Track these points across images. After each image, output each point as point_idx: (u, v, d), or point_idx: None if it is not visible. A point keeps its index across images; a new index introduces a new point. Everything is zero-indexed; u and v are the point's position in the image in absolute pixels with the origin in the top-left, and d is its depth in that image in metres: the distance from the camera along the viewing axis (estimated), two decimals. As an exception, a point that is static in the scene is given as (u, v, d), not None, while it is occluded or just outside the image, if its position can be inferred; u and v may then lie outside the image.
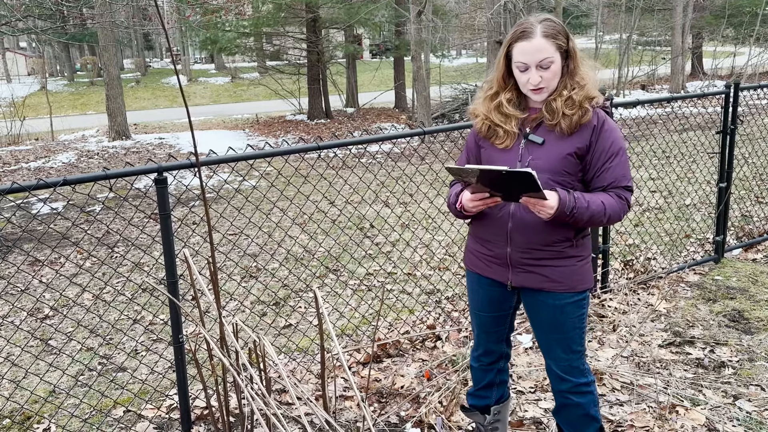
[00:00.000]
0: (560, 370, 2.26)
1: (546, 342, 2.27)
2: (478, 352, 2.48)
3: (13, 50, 40.81)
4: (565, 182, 2.09)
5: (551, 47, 2.05)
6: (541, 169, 2.07)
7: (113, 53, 14.94)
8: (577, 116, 2.07)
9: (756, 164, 7.56)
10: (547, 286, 2.16)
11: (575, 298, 2.18)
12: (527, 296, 2.25)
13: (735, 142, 4.67)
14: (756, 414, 2.87)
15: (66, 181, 2.51)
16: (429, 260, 5.36)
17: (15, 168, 11.90)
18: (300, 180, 4.30)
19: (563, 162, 2.09)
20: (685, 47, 22.08)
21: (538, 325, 2.27)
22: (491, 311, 2.36)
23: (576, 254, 2.16)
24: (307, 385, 3.34)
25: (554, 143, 2.10)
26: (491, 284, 2.30)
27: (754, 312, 3.90)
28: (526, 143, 2.13)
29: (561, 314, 2.19)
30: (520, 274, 2.19)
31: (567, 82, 2.10)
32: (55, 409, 3.26)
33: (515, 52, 2.10)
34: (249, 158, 2.95)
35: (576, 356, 2.25)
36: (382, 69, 24.35)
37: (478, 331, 2.45)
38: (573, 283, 2.17)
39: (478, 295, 2.36)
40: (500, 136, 2.17)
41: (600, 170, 2.10)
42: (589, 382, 2.28)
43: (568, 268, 2.15)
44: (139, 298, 4.85)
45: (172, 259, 2.78)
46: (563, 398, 2.30)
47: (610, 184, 2.11)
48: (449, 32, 22.59)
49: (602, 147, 2.09)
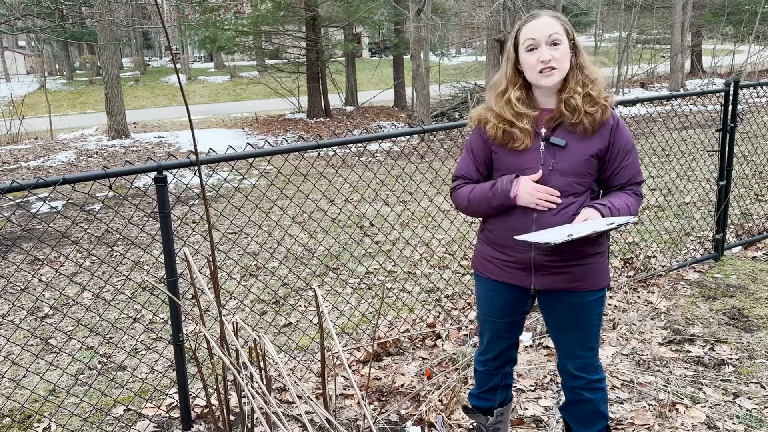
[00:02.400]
0: (575, 368, 2.25)
1: (564, 341, 2.25)
2: (487, 357, 2.43)
3: (12, 49, 40.80)
4: (585, 183, 2.09)
5: (559, 26, 2.04)
6: (564, 173, 2.05)
7: (112, 52, 14.92)
8: (599, 113, 2.05)
9: (756, 162, 7.56)
10: (572, 285, 2.14)
11: (598, 296, 2.18)
12: (549, 297, 2.21)
13: (735, 139, 4.67)
14: (756, 411, 2.87)
15: (66, 179, 2.51)
16: (429, 258, 5.36)
17: (14, 167, 11.89)
18: (300, 178, 4.30)
19: (586, 164, 2.07)
20: (684, 45, 22.07)
21: (557, 325, 2.24)
22: (505, 317, 2.31)
23: (597, 251, 2.15)
24: (308, 383, 3.34)
25: (577, 145, 2.07)
26: (508, 289, 2.24)
27: (753, 310, 3.90)
28: (546, 145, 2.08)
29: (583, 312, 2.17)
30: (544, 277, 2.15)
31: (578, 76, 2.07)
32: (55, 408, 3.26)
33: (523, 34, 2.07)
34: (248, 157, 2.95)
35: (592, 353, 2.24)
36: (381, 67, 24.34)
37: (489, 336, 2.38)
38: (596, 280, 2.16)
39: (493, 301, 2.30)
40: (517, 137, 2.10)
41: (618, 168, 2.10)
42: (601, 379, 2.27)
43: (591, 266, 2.14)
44: (139, 296, 4.85)
45: (172, 258, 2.77)
46: (575, 394, 2.28)
47: (628, 182, 2.12)
48: (449, 30, 22.57)
49: (619, 146, 2.09)
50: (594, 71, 2.10)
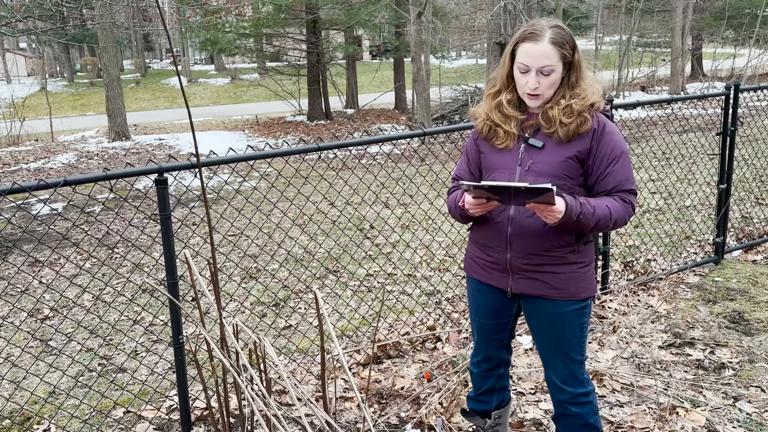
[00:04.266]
0: (558, 379, 2.23)
1: (545, 350, 2.24)
2: (478, 358, 2.46)
3: (13, 51, 40.84)
4: (566, 186, 2.06)
5: (556, 56, 2.03)
6: (541, 173, 2.06)
7: (113, 54, 14.94)
8: (575, 125, 2.04)
9: (756, 166, 7.56)
10: (547, 293, 2.13)
11: (576, 306, 2.15)
12: (527, 303, 2.22)
13: (735, 143, 4.67)
14: (756, 415, 2.86)
15: (66, 181, 2.51)
16: (429, 261, 5.36)
17: (15, 169, 11.90)
18: (300, 181, 4.30)
19: (563, 166, 2.06)
20: (684, 49, 22.09)
21: (537, 333, 2.24)
22: (491, 318, 2.33)
23: (577, 260, 2.13)
24: (308, 386, 3.34)
25: (554, 147, 2.08)
26: (490, 291, 2.27)
27: (754, 313, 3.90)
28: (526, 147, 2.11)
29: (561, 322, 2.15)
30: (520, 281, 2.16)
31: (566, 92, 2.08)
32: (55, 410, 3.25)
33: (520, 52, 2.07)
34: (249, 159, 2.95)
35: (575, 366, 2.21)
36: (382, 70, 24.38)
37: (478, 338, 2.42)
38: (574, 290, 2.13)
39: (478, 301, 2.33)
40: (500, 136, 2.15)
41: (603, 174, 2.07)
42: (587, 392, 2.24)
43: (569, 275, 2.12)
44: (139, 298, 4.85)
45: (173, 260, 2.77)
46: (562, 408, 2.27)
47: (614, 188, 2.08)
48: (449, 33, 22.60)
49: (604, 151, 2.06)
50: (588, 89, 2.08)
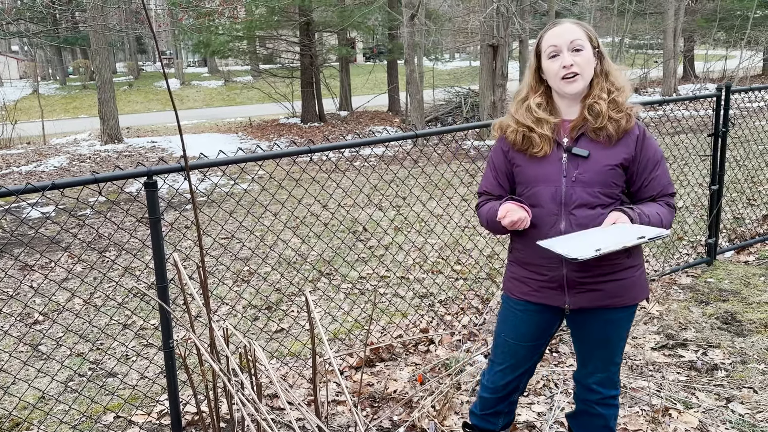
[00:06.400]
0: (594, 381, 2.19)
1: (590, 356, 2.19)
2: (497, 383, 2.29)
3: (5, 53, 40.64)
4: (612, 194, 2.02)
5: (583, 34, 2.00)
6: (588, 184, 1.99)
7: (105, 56, 14.89)
8: (624, 120, 2.00)
9: (748, 167, 7.59)
10: (608, 302, 2.06)
11: (631, 311, 2.12)
12: (579, 315, 2.13)
13: (727, 144, 4.68)
14: (749, 416, 2.86)
15: (55, 185, 2.48)
16: (422, 263, 5.34)
17: (6, 172, 11.83)
18: (292, 183, 4.29)
19: (611, 174, 2.00)
20: (676, 50, 22.18)
21: (583, 340, 2.18)
22: (531, 340, 2.20)
23: (633, 264, 2.07)
24: (299, 390, 3.32)
25: (600, 155, 2.00)
26: (541, 310, 2.15)
27: (746, 314, 3.91)
28: (570, 156, 2.02)
29: (613, 328, 2.11)
30: (577, 296, 2.06)
31: (603, 83, 2.03)
32: (44, 416, 3.22)
33: (545, 41, 2.03)
34: (240, 161, 2.93)
35: (615, 368, 2.19)
36: (375, 72, 24.41)
37: (512, 362, 2.24)
38: (633, 294, 2.08)
39: (523, 322, 2.18)
40: (536, 143, 2.04)
41: (648, 180, 2.04)
42: (617, 395, 2.23)
43: (628, 281, 2.07)
44: (129, 302, 4.82)
45: (162, 264, 2.75)
46: (587, 406, 2.24)
47: (659, 193, 2.05)
48: (442, 36, 22.62)
49: (647, 156, 2.03)
50: (620, 78, 2.05)
